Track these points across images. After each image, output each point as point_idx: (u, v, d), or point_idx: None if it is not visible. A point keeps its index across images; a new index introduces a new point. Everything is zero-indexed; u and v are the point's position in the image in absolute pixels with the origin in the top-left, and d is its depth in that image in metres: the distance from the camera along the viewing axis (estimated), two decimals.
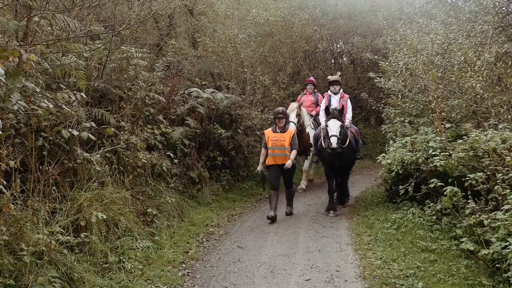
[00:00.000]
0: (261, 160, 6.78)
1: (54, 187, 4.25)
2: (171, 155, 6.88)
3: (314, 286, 4.10)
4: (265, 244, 5.42)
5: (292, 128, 7.42)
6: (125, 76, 6.05)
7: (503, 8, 10.01)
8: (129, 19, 6.06)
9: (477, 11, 8.84)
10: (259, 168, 6.77)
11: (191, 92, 7.76)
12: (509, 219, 3.70)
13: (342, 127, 6.71)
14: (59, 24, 4.01)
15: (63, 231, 3.97)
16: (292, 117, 8.63)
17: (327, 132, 6.73)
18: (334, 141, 6.46)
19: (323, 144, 7.00)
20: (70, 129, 4.43)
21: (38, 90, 3.25)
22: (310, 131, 9.04)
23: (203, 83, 9.01)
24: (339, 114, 6.74)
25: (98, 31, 5.46)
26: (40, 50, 3.71)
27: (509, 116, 6.56)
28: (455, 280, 3.84)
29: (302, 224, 6.40)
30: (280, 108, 6.93)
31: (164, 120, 7.28)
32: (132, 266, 4.39)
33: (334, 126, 6.58)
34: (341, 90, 7.86)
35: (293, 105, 9.06)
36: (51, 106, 3.15)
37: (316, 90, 9.75)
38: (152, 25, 7.81)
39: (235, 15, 9.76)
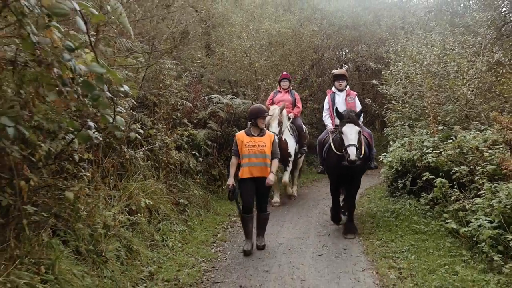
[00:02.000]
0: (232, 172, 5.30)
1: (112, 177, 5.16)
2: (196, 154, 7.77)
3: (326, 259, 4.96)
4: (282, 229, 6.30)
5: (270, 132, 5.84)
6: (160, 85, 6.97)
7: (498, 20, 10.91)
8: (165, 35, 7.01)
9: (471, 24, 9.70)
10: (230, 182, 5.24)
11: (212, 98, 8.67)
12: (485, 202, 4.55)
13: (360, 133, 5.52)
14: (116, 45, 4.92)
15: (120, 213, 4.88)
16: (274, 127, 7.36)
17: (341, 140, 5.50)
18: (352, 152, 5.23)
19: (333, 148, 5.84)
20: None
21: (123, 107, 4.08)
22: (288, 138, 7.91)
23: (222, 89, 9.93)
24: (357, 117, 5.57)
25: (143, 48, 6.37)
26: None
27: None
28: (441, 253, 4.69)
29: (313, 215, 7.24)
30: (261, 105, 5.61)
31: (189, 123, 8.19)
32: (173, 244, 5.29)
33: (351, 133, 5.37)
34: (348, 87, 6.76)
35: (275, 110, 7.51)
36: (123, 110, 3.98)
37: (291, 87, 8.57)
38: (180, 40, 8.72)
39: (250, 28, 10.67)
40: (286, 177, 7.96)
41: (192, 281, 4.33)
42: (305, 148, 8.60)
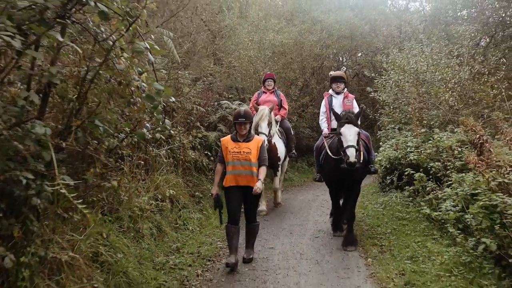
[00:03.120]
0: (216, 179, 5.10)
1: (142, 171, 6.14)
2: (208, 153, 8.75)
3: (321, 240, 5.93)
4: (285, 218, 7.27)
5: (258, 137, 5.39)
6: (178, 92, 7.97)
7: (481, 33, 11.91)
8: (183, 48, 8.03)
9: (456, 37, 10.69)
10: (214, 191, 5.05)
11: (222, 104, 9.66)
12: (453, 191, 5.51)
13: (359, 134, 5.29)
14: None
15: (150, 200, 5.86)
16: (264, 128, 6.96)
17: (339, 142, 5.25)
18: (352, 154, 4.96)
19: (330, 153, 5.58)
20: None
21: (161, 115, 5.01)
22: (278, 141, 7.57)
23: (230, 96, 10.93)
24: (355, 118, 5.33)
25: (163, 62, 7.37)
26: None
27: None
28: (417, 233, 5.65)
29: (311, 207, 8.20)
30: (242, 109, 5.17)
31: (201, 126, 9.18)
32: (193, 227, 6.27)
33: (350, 134, 5.12)
34: (345, 89, 6.57)
35: (264, 111, 7.08)
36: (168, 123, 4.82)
37: (276, 88, 8.30)
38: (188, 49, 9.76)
39: (255, 40, 11.69)
40: (276, 184, 7.76)
41: (211, 254, 5.31)
42: (293, 151, 8.27)
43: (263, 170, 5.00)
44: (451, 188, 5.62)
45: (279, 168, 7.72)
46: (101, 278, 3.66)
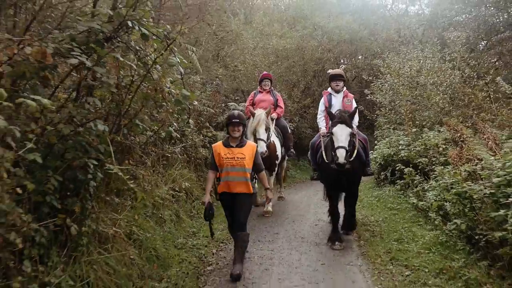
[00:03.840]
0: (208, 186, 4.86)
1: (161, 165, 6.90)
2: None
3: (320, 227, 6.67)
4: (288, 209, 8.01)
5: (252, 142, 5.13)
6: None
7: (473, 39, 12.63)
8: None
9: (447, 43, 11.42)
10: (206, 199, 4.73)
11: (230, 105, 10.42)
12: (436, 183, 6.23)
13: (351, 135, 5.17)
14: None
15: (168, 191, 6.61)
16: (262, 133, 6.77)
17: (331, 141, 5.20)
18: (341, 155, 4.92)
19: (324, 157, 5.55)
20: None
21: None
22: (275, 139, 7.45)
23: (236, 98, 11.69)
24: (349, 118, 5.25)
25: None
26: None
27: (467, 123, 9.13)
28: (405, 221, 6.39)
29: (312, 201, 8.93)
30: (236, 111, 4.95)
31: (210, 126, 9.93)
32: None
33: (342, 134, 5.06)
34: (345, 88, 6.46)
35: (261, 116, 6.90)
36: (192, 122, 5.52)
37: (273, 88, 8.23)
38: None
39: (260, 45, 12.45)
40: (271, 183, 7.41)
41: (223, 238, 6.06)
42: (292, 150, 8.29)
43: (264, 177, 4.97)
44: (435, 181, 6.34)
45: (276, 168, 7.53)
46: (136, 251, 4.42)
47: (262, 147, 6.59)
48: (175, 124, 4.55)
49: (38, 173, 3.11)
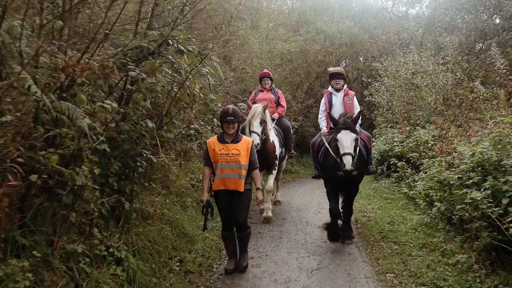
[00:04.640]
0: (205, 184, 4.70)
1: (182, 159, 7.80)
2: None
3: (323, 214, 7.55)
4: (293, 199, 8.90)
5: (247, 137, 4.91)
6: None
7: (465, 43, 13.44)
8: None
9: (442, 47, 12.25)
10: (204, 198, 4.68)
11: (239, 106, 11.30)
12: (424, 175, 7.10)
13: (357, 140, 5.17)
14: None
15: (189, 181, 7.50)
16: (256, 126, 6.66)
17: (336, 147, 5.19)
18: (348, 161, 4.93)
19: (331, 153, 5.46)
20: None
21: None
22: (274, 139, 7.24)
23: (244, 99, 12.56)
24: (353, 123, 5.20)
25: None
26: None
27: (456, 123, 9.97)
28: (397, 208, 7.27)
29: (315, 193, 9.81)
30: (230, 106, 4.72)
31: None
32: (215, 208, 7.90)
33: (347, 141, 5.03)
34: (345, 86, 6.28)
35: (257, 109, 6.80)
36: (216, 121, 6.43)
37: (274, 86, 8.03)
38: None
39: (266, 50, 13.33)
40: (271, 183, 7.21)
41: None
42: (293, 151, 8.22)
43: (257, 176, 4.70)
44: (424, 172, 7.21)
45: (275, 168, 7.33)
46: (169, 228, 5.31)
47: (256, 139, 6.38)
48: (201, 122, 5.43)
49: (102, 160, 4.00)
